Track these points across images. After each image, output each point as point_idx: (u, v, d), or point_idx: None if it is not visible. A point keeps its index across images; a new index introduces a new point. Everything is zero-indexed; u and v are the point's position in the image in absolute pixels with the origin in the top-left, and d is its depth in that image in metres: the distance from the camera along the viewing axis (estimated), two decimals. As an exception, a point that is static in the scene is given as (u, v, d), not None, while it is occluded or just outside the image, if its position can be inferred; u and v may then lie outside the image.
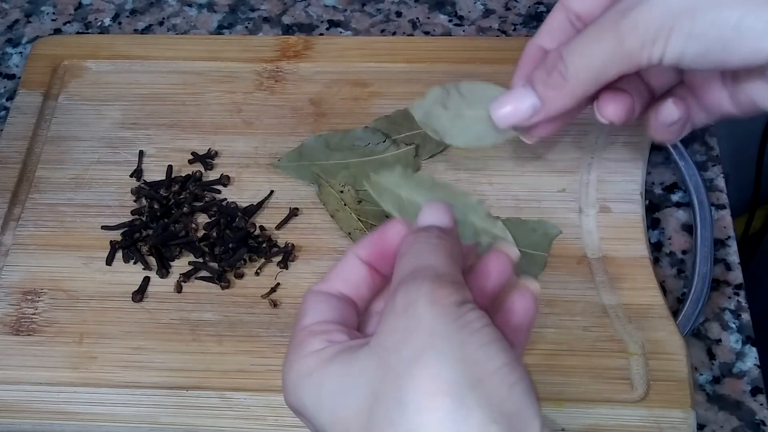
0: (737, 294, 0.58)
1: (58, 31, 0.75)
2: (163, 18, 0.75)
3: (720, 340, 0.56)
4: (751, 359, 0.56)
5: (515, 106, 0.46)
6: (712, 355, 0.56)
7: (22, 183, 0.62)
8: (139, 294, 0.57)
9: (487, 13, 0.74)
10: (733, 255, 0.60)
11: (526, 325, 0.40)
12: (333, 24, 0.74)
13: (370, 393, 0.34)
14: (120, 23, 0.75)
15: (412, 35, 0.73)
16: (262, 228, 0.59)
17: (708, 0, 0.40)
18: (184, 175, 0.62)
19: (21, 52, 0.73)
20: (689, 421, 0.50)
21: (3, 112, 0.69)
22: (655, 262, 0.58)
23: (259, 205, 0.60)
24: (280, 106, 0.65)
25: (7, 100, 0.70)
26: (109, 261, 0.58)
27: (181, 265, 0.58)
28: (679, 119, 0.49)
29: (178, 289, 0.57)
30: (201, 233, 0.59)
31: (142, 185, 0.61)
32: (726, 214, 0.61)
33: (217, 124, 0.65)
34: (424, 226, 0.38)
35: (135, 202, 0.61)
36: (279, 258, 0.58)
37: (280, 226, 0.60)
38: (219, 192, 0.61)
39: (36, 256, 0.59)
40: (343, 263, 0.40)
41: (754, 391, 0.54)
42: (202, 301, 0.56)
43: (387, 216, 0.46)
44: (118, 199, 0.61)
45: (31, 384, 0.53)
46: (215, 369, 0.54)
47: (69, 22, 0.75)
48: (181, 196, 0.60)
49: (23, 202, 0.61)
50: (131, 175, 0.62)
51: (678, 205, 0.62)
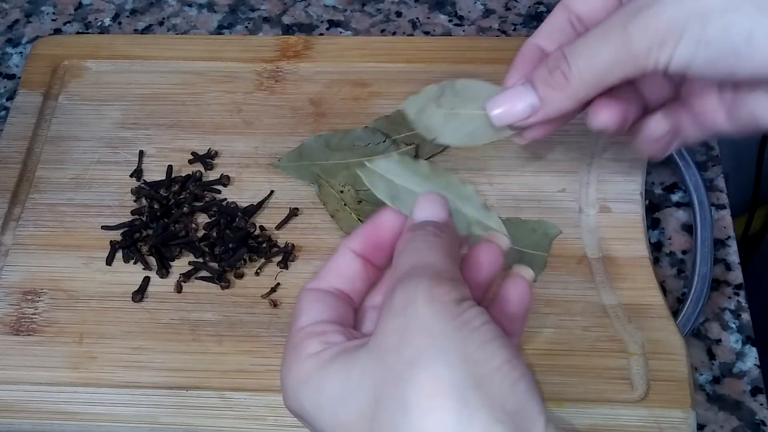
0: (737, 294, 0.58)
1: (58, 31, 0.75)
2: (163, 18, 0.75)
3: (720, 340, 0.56)
4: (751, 359, 0.56)
5: (513, 105, 0.45)
6: (712, 355, 0.56)
7: (22, 183, 0.62)
8: (139, 294, 0.57)
9: (487, 13, 0.74)
10: (733, 255, 0.60)
11: (522, 314, 0.40)
12: (333, 24, 0.74)
13: (371, 396, 0.33)
14: (120, 23, 0.75)
15: (412, 35, 0.73)
16: (262, 228, 0.59)
17: (721, 6, 0.39)
18: (184, 175, 0.62)
19: (21, 52, 0.73)
20: (689, 421, 0.50)
21: (3, 112, 0.69)
22: (655, 262, 0.58)
23: (259, 205, 0.60)
24: (280, 106, 0.65)
25: (7, 100, 0.70)
26: (109, 261, 0.58)
27: (181, 265, 0.58)
28: (667, 133, 0.48)
29: (178, 289, 0.57)
30: (201, 233, 0.59)
31: (142, 185, 0.61)
32: (726, 214, 0.61)
33: (217, 124, 0.65)
34: (420, 221, 0.38)
35: (135, 202, 0.61)
36: (279, 258, 0.58)
37: (280, 226, 0.60)
38: (219, 192, 0.61)
39: (36, 256, 0.59)
40: (337, 257, 0.39)
41: (754, 391, 0.54)
42: (202, 301, 0.56)
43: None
44: (118, 199, 0.61)
45: (31, 384, 0.53)
46: (215, 369, 0.54)
47: (69, 22, 0.75)
48: (181, 196, 0.60)
49: (23, 202, 0.61)
50: (131, 175, 0.62)
51: (678, 205, 0.62)
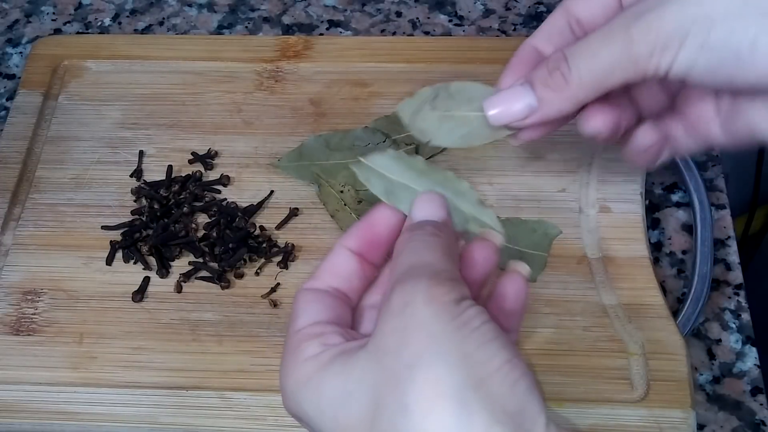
0: (737, 294, 0.58)
1: (58, 31, 0.75)
2: (163, 18, 0.75)
3: (720, 340, 0.56)
4: (751, 359, 0.56)
5: (510, 105, 0.44)
6: (712, 355, 0.56)
7: (22, 183, 0.62)
8: (139, 294, 0.57)
9: (487, 13, 0.74)
10: (733, 255, 0.60)
11: (519, 309, 0.40)
12: (333, 24, 0.74)
13: (371, 399, 0.33)
14: (120, 23, 0.75)
15: (412, 35, 0.73)
16: (262, 228, 0.59)
17: (726, 12, 0.38)
18: (184, 175, 0.62)
19: (21, 52, 0.73)
20: (689, 421, 0.50)
21: (3, 112, 0.69)
22: (655, 262, 0.58)
23: (259, 205, 0.60)
24: (280, 106, 0.65)
25: (7, 100, 0.70)
26: (109, 261, 0.58)
27: (181, 265, 0.58)
28: (654, 144, 0.47)
29: (178, 289, 0.57)
30: (201, 233, 0.59)
31: (142, 185, 0.61)
32: (726, 214, 0.61)
33: (217, 124, 0.65)
34: (418, 221, 0.38)
35: (135, 202, 0.61)
36: (279, 258, 0.58)
37: (280, 226, 0.60)
38: (219, 192, 0.61)
39: (36, 256, 0.59)
40: (332, 256, 0.39)
41: (754, 391, 0.54)
42: (202, 301, 0.56)
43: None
44: (118, 199, 0.61)
45: (31, 384, 0.53)
46: (215, 369, 0.54)
47: (69, 22, 0.75)
48: (181, 196, 0.60)
49: (23, 202, 0.61)
50: (131, 175, 0.62)
51: (678, 205, 0.62)
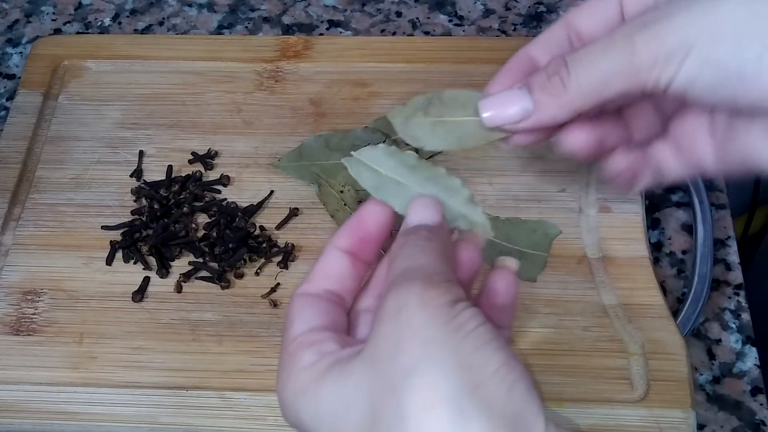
0: (737, 294, 0.58)
1: (58, 31, 0.75)
2: (163, 18, 0.75)
3: (720, 340, 0.56)
4: (751, 359, 0.56)
5: (506, 108, 0.44)
6: (712, 355, 0.56)
7: (22, 183, 0.62)
8: (139, 294, 0.57)
9: (487, 13, 0.74)
10: (733, 255, 0.60)
11: (510, 305, 0.40)
12: (333, 24, 0.74)
13: (368, 408, 0.33)
14: (120, 23, 0.75)
15: (412, 35, 0.73)
16: (262, 228, 0.59)
17: (733, 28, 0.37)
18: (184, 175, 0.62)
19: (21, 52, 0.73)
20: (689, 421, 0.50)
21: (3, 112, 0.69)
22: (655, 262, 0.58)
23: (259, 205, 0.60)
24: (280, 106, 0.65)
25: (7, 100, 0.70)
26: (109, 261, 0.58)
27: (181, 265, 0.58)
28: (627, 171, 0.46)
29: (178, 289, 0.57)
30: (201, 233, 0.59)
31: (142, 185, 0.61)
32: (726, 214, 0.61)
33: (217, 124, 0.65)
34: (413, 226, 0.38)
35: (135, 202, 0.61)
36: (279, 258, 0.58)
37: (280, 226, 0.60)
38: (219, 192, 0.61)
39: (36, 256, 0.59)
40: (324, 258, 0.39)
41: (754, 391, 0.54)
42: (202, 301, 0.56)
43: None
44: (118, 199, 0.61)
45: (31, 384, 0.53)
46: (215, 369, 0.54)
47: (69, 22, 0.75)
48: (181, 196, 0.60)
49: (23, 202, 0.61)
50: (131, 175, 0.62)
51: (678, 205, 0.62)
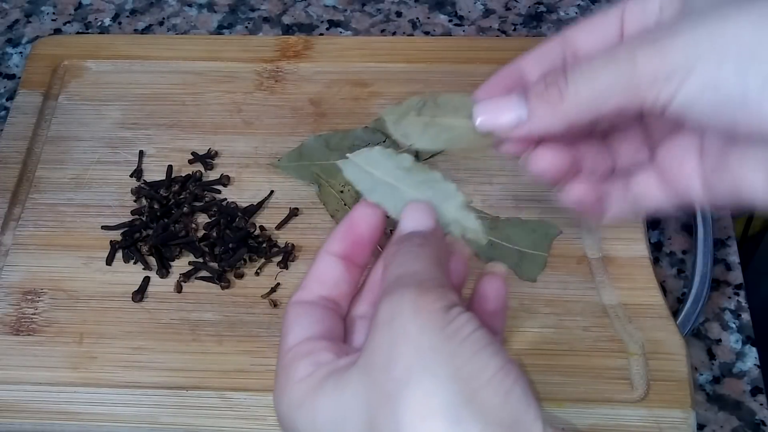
0: (737, 294, 0.58)
1: (58, 31, 0.75)
2: (163, 18, 0.75)
3: (720, 340, 0.56)
4: (751, 359, 0.56)
5: (500, 114, 0.42)
6: (712, 355, 0.56)
7: (22, 183, 0.62)
8: (139, 294, 0.57)
9: (487, 13, 0.74)
10: (733, 255, 0.60)
11: (501, 309, 0.40)
12: (333, 24, 0.74)
13: (365, 418, 0.33)
14: (120, 23, 0.75)
15: (412, 35, 0.73)
16: (262, 228, 0.59)
17: (739, 50, 0.36)
18: (184, 175, 0.62)
19: (21, 52, 0.73)
20: (689, 421, 0.50)
21: (3, 112, 0.69)
22: (655, 262, 0.58)
23: (259, 205, 0.60)
24: (280, 106, 0.65)
25: (7, 100, 0.70)
26: (109, 261, 0.58)
27: (181, 265, 0.58)
28: (584, 201, 0.44)
29: (178, 289, 0.57)
30: (201, 233, 0.59)
31: (142, 185, 0.61)
32: (726, 214, 0.61)
33: (217, 124, 0.65)
34: (406, 233, 0.38)
35: (135, 202, 0.61)
36: (279, 258, 0.58)
37: (280, 226, 0.60)
38: (219, 192, 0.61)
39: (36, 256, 0.59)
40: (317, 264, 0.39)
41: (754, 391, 0.54)
42: (202, 301, 0.56)
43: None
44: (118, 199, 0.61)
45: (31, 384, 0.53)
46: (215, 369, 0.54)
47: (69, 22, 0.75)
48: (181, 196, 0.60)
49: (23, 202, 0.61)
50: (131, 175, 0.62)
51: (678, 205, 0.62)
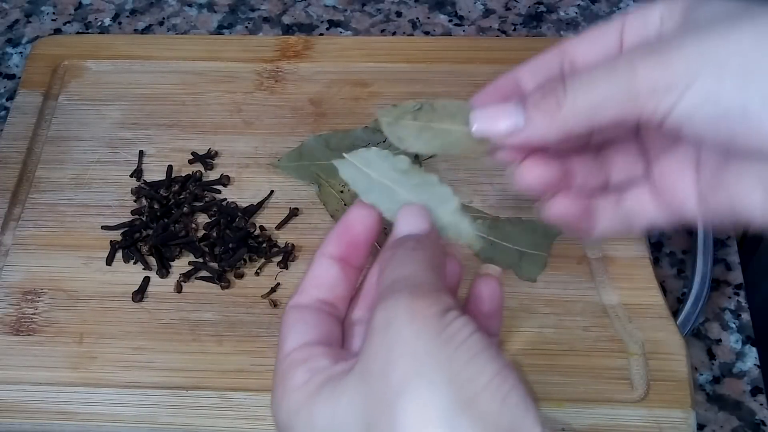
0: (737, 294, 0.58)
1: (58, 31, 0.75)
2: (163, 18, 0.75)
3: (720, 340, 0.56)
4: (751, 359, 0.56)
5: (497, 120, 0.41)
6: (712, 355, 0.56)
7: (22, 183, 0.62)
8: (139, 294, 0.57)
9: (487, 13, 0.74)
10: (733, 255, 0.60)
11: (496, 310, 0.40)
12: (333, 24, 0.74)
13: (362, 425, 0.33)
14: (120, 23, 0.75)
15: (412, 35, 0.73)
16: (262, 228, 0.59)
17: (742, 63, 0.35)
18: (184, 175, 0.62)
19: (21, 52, 0.73)
20: (689, 421, 0.50)
21: (3, 112, 0.69)
22: (655, 262, 0.58)
23: (259, 205, 0.60)
24: (280, 106, 0.65)
25: (7, 100, 0.70)
26: (109, 261, 0.58)
27: (181, 265, 0.58)
28: (566, 218, 0.43)
29: (178, 289, 0.57)
30: (201, 233, 0.59)
31: (142, 185, 0.61)
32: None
33: (217, 124, 0.65)
34: (399, 237, 0.37)
35: (135, 202, 0.61)
36: (279, 258, 0.58)
37: (280, 226, 0.60)
38: (219, 192, 0.61)
39: (36, 256, 0.59)
40: (313, 267, 0.39)
41: (754, 391, 0.54)
42: (202, 301, 0.56)
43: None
44: (118, 199, 0.61)
45: (31, 384, 0.53)
46: (215, 369, 0.54)
47: (69, 22, 0.75)
48: (181, 196, 0.60)
49: (23, 202, 0.61)
50: (131, 175, 0.62)
51: (678, 205, 0.62)
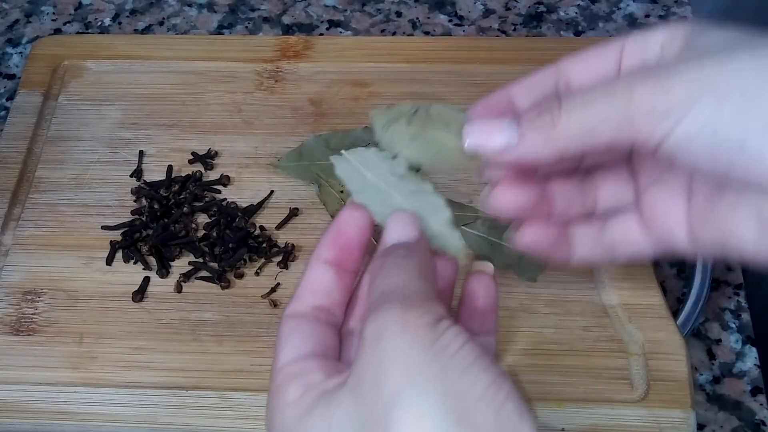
0: (737, 294, 0.58)
1: (58, 31, 0.75)
2: (163, 18, 0.75)
3: (720, 340, 0.56)
4: (751, 359, 0.56)
5: (491, 135, 0.40)
6: (712, 355, 0.56)
7: (22, 183, 0.62)
8: (139, 294, 0.57)
9: (487, 13, 0.74)
10: (733, 255, 0.60)
11: (491, 307, 0.40)
12: (333, 24, 0.74)
13: None
14: (120, 23, 0.75)
15: (412, 35, 0.73)
16: (262, 228, 0.59)
17: (742, 93, 0.34)
18: (184, 175, 0.62)
19: (21, 52, 0.73)
20: (689, 421, 0.50)
21: (3, 112, 0.69)
22: (655, 262, 0.58)
23: (259, 205, 0.60)
24: (280, 106, 0.65)
25: (7, 100, 0.70)
26: (109, 261, 0.58)
27: (181, 265, 0.58)
28: (535, 247, 0.43)
29: (178, 289, 0.57)
30: (201, 233, 0.59)
31: (142, 185, 0.61)
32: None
33: (217, 124, 0.65)
34: (389, 246, 0.37)
35: (135, 202, 0.61)
36: (279, 258, 0.58)
37: (280, 226, 0.60)
38: (219, 192, 0.61)
39: (36, 256, 0.59)
40: (309, 273, 0.39)
41: (754, 391, 0.54)
42: (202, 301, 0.56)
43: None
44: (118, 199, 0.61)
45: (31, 384, 0.53)
46: (215, 369, 0.54)
47: (69, 22, 0.75)
48: (181, 196, 0.60)
49: (23, 202, 0.61)
50: (131, 175, 0.62)
51: (678, 205, 0.62)
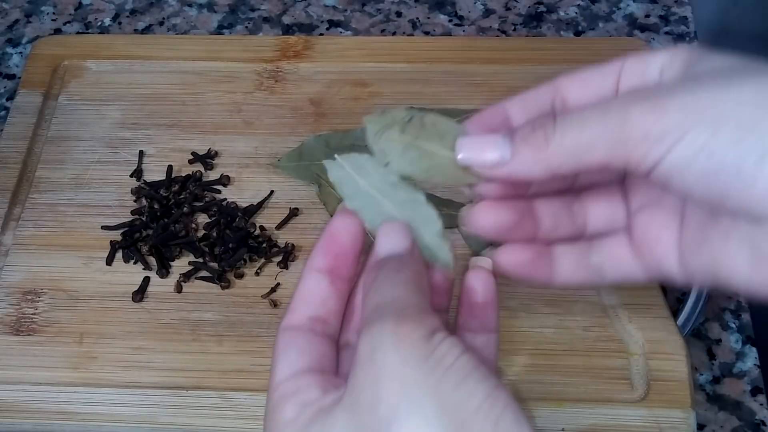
0: (737, 294, 0.58)
1: (58, 31, 0.75)
2: (163, 18, 0.75)
3: (720, 340, 0.56)
4: (751, 359, 0.56)
5: (484, 150, 0.39)
6: (712, 355, 0.56)
7: (22, 183, 0.62)
8: (139, 294, 0.57)
9: (487, 13, 0.74)
10: (733, 255, 0.60)
11: (490, 302, 0.40)
12: (333, 24, 0.74)
13: None
14: (120, 23, 0.75)
15: (412, 35, 0.73)
16: (262, 228, 0.59)
17: (739, 121, 0.33)
18: (184, 175, 0.62)
19: (21, 52, 0.73)
20: (689, 421, 0.50)
21: (3, 112, 0.69)
22: (655, 262, 0.58)
23: (259, 205, 0.60)
24: (280, 106, 0.65)
25: (7, 100, 0.70)
26: (109, 261, 0.58)
27: (181, 265, 0.58)
28: (512, 268, 0.42)
29: (178, 289, 0.57)
30: (201, 233, 0.59)
31: (142, 185, 0.61)
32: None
33: (217, 124, 0.65)
34: (381, 258, 0.37)
35: (135, 202, 0.61)
36: (279, 258, 0.58)
37: (280, 226, 0.60)
38: (219, 192, 0.61)
39: (36, 256, 0.59)
40: (303, 284, 0.39)
41: (754, 391, 0.54)
42: (202, 301, 0.56)
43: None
44: (118, 199, 0.61)
45: (31, 384, 0.53)
46: (215, 369, 0.54)
47: (69, 22, 0.75)
48: (181, 196, 0.61)
49: (23, 202, 0.61)
50: (131, 175, 0.62)
51: (678, 205, 0.62)
